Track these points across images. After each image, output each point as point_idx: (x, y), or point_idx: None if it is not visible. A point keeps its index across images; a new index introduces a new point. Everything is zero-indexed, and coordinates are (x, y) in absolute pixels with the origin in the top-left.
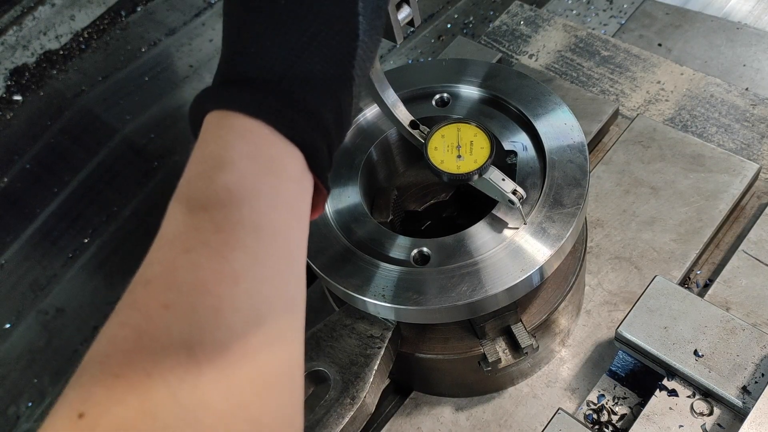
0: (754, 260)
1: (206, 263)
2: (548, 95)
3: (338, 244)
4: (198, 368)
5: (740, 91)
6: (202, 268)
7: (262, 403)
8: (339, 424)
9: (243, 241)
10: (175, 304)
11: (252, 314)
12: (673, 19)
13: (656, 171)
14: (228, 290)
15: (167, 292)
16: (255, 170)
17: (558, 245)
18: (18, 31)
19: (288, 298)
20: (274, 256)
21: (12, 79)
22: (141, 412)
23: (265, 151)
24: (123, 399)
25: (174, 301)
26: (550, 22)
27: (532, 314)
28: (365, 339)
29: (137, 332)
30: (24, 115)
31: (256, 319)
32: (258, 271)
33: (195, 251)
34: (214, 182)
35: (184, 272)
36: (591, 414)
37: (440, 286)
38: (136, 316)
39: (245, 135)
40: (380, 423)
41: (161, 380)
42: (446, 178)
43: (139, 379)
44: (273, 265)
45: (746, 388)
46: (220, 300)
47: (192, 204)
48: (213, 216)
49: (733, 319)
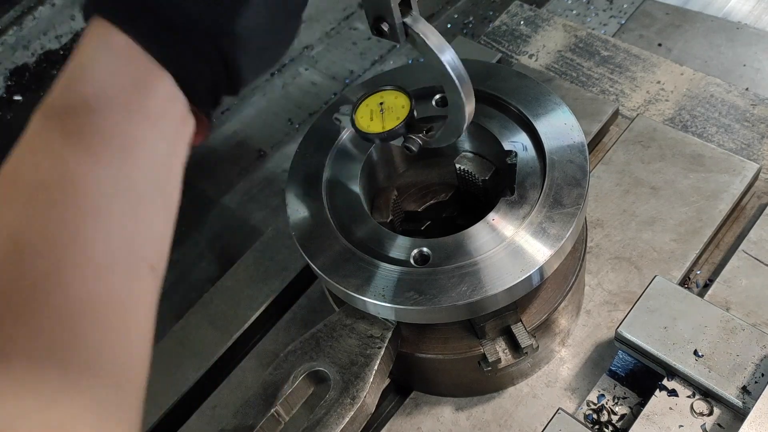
0: (754, 260)
1: (48, 165)
2: (548, 95)
3: (338, 244)
4: None
5: (740, 91)
6: (43, 169)
7: None
8: (339, 424)
9: (88, 145)
10: (12, 201)
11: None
12: (673, 19)
13: (656, 171)
14: (63, 189)
15: (7, 187)
16: (117, 84)
17: (558, 245)
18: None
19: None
20: (123, 162)
21: (12, 79)
22: None
23: (132, 68)
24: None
25: (11, 198)
26: (549, 22)
27: (532, 314)
28: (365, 339)
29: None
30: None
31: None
32: (101, 173)
33: (40, 154)
34: (72, 91)
35: (24, 171)
36: (591, 414)
37: (440, 286)
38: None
39: (115, 49)
40: (380, 423)
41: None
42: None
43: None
44: (119, 169)
45: (746, 388)
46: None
47: (47, 111)
48: (64, 122)
49: (733, 319)
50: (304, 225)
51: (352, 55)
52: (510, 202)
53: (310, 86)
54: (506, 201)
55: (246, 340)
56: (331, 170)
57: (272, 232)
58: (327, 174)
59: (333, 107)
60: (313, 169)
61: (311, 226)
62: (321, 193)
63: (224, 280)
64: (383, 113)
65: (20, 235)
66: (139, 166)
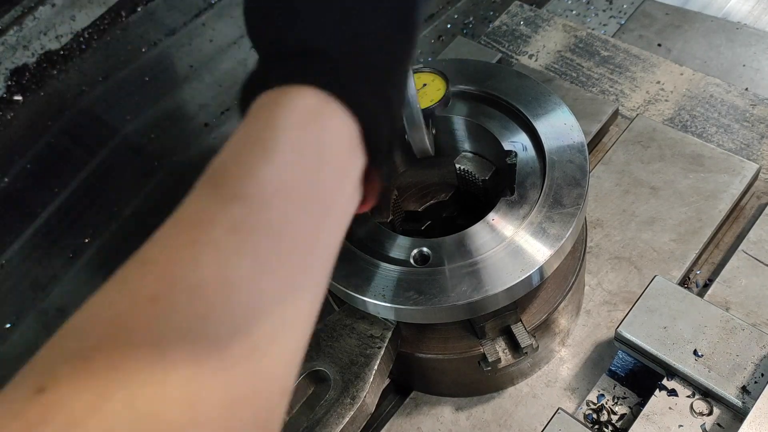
0: (753, 260)
1: (209, 263)
2: (548, 95)
3: None
4: (164, 376)
5: (740, 91)
6: (202, 267)
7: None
8: (339, 424)
9: (257, 246)
10: (163, 300)
11: (241, 327)
12: (672, 19)
13: (656, 171)
14: (221, 298)
15: (159, 282)
16: (298, 154)
17: (558, 245)
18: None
19: (292, 315)
20: (289, 264)
21: (12, 79)
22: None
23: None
24: (84, 386)
25: (163, 296)
26: (549, 22)
27: (532, 314)
28: (365, 339)
29: (118, 318)
30: (24, 115)
31: (244, 333)
32: (264, 282)
33: (201, 246)
34: (249, 170)
35: (182, 267)
36: (591, 414)
37: (440, 286)
38: (122, 301)
39: (296, 106)
40: (380, 423)
41: (124, 379)
42: None
43: (104, 370)
44: (284, 275)
45: (746, 388)
46: (210, 308)
47: (216, 191)
48: (233, 212)
49: (732, 319)
50: None
51: None
52: (510, 202)
53: None
54: (506, 201)
55: None
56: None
57: None
58: None
59: None
60: None
61: None
62: None
63: None
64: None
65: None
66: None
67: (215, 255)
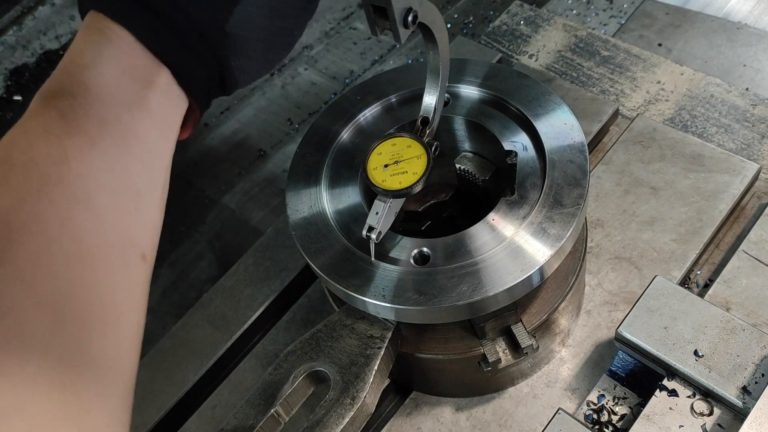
0: (754, 260)
1: (41, 143)
2: (548, 95)
3: (338, 244)
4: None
5: (740, 91)
6: (35, 148)
7: None
8: (339, 424)
9: (84, 128)
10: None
11: (81, 195)
12: (673, 19)
13: (656, 171)
14: (56, 170)
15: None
16: (117, 75)
17: (558, 245)
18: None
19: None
20: (119, 149)
21: (12, 79)
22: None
23: (132, 61)
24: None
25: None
26: (550, 22)
27: (532, 314)
28: (365, 339)
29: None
30: None
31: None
32: (96, 157)
33: (33, 132)
34: (71, 76)
35: (18, 151)
36: (591, 414)
37: (440, 286)
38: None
39: (114, 41)
40: (380, 423)
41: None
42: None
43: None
44: (116, 156)
45: (746, 388)
46: (46, 178)
47: (46, 93)
48: (61, 104)
49: (733, 319)
50: (304, 225)
51: (352, 54)
52: (510, 202)
53: (310, 86)
54: (506, 201)
55: (246, 340)
56: (331, 170)
57: (272, 232)
58: (327, 174)
59: (333, 107)
60: (313, 169)
61: (311, 226)
62: (321, 193)
63: (224, 280)
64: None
65: (10, 215)
66: (137, 157)
67: (46, 137)
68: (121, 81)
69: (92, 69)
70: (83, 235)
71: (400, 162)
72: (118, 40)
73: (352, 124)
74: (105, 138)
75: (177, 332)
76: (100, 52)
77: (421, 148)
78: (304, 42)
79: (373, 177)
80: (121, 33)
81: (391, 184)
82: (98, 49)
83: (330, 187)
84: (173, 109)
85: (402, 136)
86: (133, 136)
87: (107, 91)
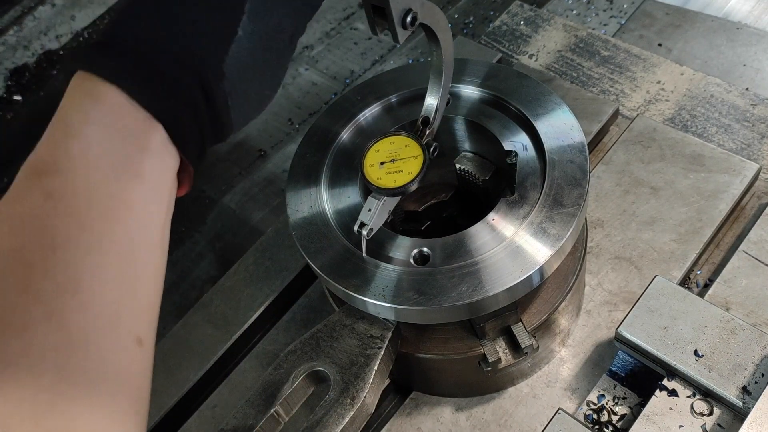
0: (754, 260)
1: (26, 230)
2: (548, 95)
3: (338, 244)
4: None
5: (740, 91)
6: (20, 235)
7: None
8: (339, 424)
9: (71, 208)
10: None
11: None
12: (673, 19)
13: (656, 171)
14: (42, 258)
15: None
16: (106, 141)
17: (558, 245)
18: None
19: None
20: (109, 224)
21: (12, 79)
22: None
23: (119, 119)
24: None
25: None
26: (550, 22)
27: (532, 314)
28: (365, 339)
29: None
30: (24, 115)
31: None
32: (84, 240)
33: (18, 218)
34: (57, 148)
35: (3, 238)
36: (591, 414)
37: (440, 286)
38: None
39: (101, 101)
40: (380, 423)
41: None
42: (385, 194)
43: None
44: (105, 234)
45: (746, 388)
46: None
47: (32, 170)
48: (46, 183)
49: (733, 319)
50: (304, 225)
51: (353, 55)
52: (510, 202)
53: (311, 86)
54: (506, 201)
55: (246, 340)
56: (331, 170)
57: (272, 232)
58: (327, 174)
59: (333, 107)
60: (313, 169)
61: (311, 226)
62: (321, 193)
63: (224, 280)
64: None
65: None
66: (128, 229)
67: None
68: (111, 147)
69: (79, 138)
70: (70, 326)
71: (396, 161)
72: (107, 100)
73: (353, 124)
74: (94, 218)
75: (177, 332)
76: (87, 117)
77: (419, 149)
78: (305, 42)
79: (368, 174)
80: (110, 92)
81: (385, 182)
82: (85, 112)
83: (330, 187)
84: (167, 171)
85: (401, 134)
86: (124, 207)
87: (95, 162)
